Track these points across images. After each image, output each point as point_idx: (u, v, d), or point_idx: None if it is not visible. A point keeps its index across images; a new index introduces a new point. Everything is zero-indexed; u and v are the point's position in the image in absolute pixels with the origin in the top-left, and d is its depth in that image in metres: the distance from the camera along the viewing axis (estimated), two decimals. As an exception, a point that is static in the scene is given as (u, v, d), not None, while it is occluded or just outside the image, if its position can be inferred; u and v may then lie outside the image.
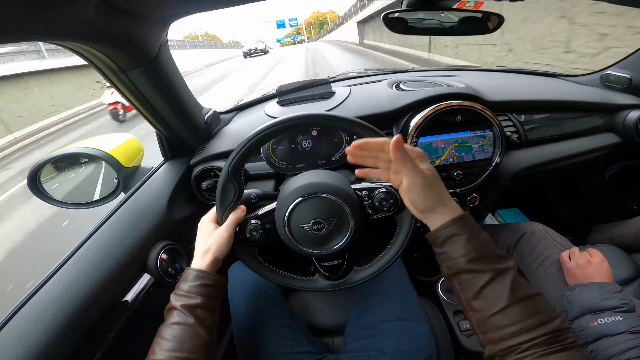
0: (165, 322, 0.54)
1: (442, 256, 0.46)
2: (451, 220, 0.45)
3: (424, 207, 0.48)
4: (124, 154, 0.82)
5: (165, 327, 0.53)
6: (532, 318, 0.39)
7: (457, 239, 0.44)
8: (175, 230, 0.81)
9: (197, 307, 0.55)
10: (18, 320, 0.54)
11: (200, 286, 0.57)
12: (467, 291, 0.43)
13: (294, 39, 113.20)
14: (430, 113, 0.84)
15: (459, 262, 0.43)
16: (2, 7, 0.31)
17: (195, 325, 0.53)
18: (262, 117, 0.98)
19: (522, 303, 0.40)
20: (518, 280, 0.42)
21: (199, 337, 0.53)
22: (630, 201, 1.21)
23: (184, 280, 0.58)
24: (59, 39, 0.46)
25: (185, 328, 0.52)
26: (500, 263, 0.43)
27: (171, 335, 0.51)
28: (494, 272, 0.42)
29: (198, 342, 0.52)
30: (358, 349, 0.72)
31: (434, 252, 0.49)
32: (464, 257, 0.43)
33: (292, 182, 0.64)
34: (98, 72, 0.60)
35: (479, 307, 0.42)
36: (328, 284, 0.68)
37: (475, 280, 0.42)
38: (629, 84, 1.05)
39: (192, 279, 0.57)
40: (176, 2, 0.49)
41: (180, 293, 0.56)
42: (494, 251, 0.44)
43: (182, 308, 0.54)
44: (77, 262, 0.64)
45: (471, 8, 0.89)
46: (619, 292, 0.69)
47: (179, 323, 0.53)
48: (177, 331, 0.52)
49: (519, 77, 1.21)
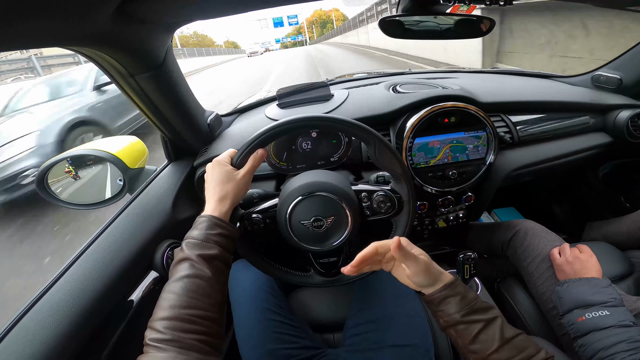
0: (173, 277, 0.46)
1: (439, 313, 0.52)
2: (444, 285, 0.52)
3: (427, 283, 0.53)
4: (129, 156, 0.85)
5: (174, 281, 0.45)
6: (523, 353, 0.46)
7: (451, 299, 0.51)
8: (179, 229, 0.83)
9: (215, 259, 0.49)
10: (29, 319, 0.54)
11: (218, 235, 0.51)
12: (464, 338, 0.49)
13: (294, 39, 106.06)
14: (426, 114, 0.86)
15: (454, 317, 0.50)
16: (31, 17, 0.34)
17: (212, 278, 0.47)
18: (262, 119, 1.00)
19: (511, 342, 0.47)
20: (504, 324, 0.49)
21: (216, 292, 0.46)
22: (622, 199, 1.23)
23: (198, 228, 0.51)
24: (75, 45, 0.48)
25: (201, 282, 0.45)
26: (489, 314, 0.50)
27: (184, 290, 0.44)
28: (485, 322, 0.49)
29: (214, 298, 0.46)
30: (357, 343, 0.74)
31: (431, 309, 0.55)
32: (458, 313, 0.50)
33: (294, 181, 0.66)
34: (107, 76, 0.63)
35: (476, 350, 0.48)
36: (322, 280, 0.70)
37: (470, 329, 0.49)
38: (619, 85, 1.07)
39: (209, 227, 0.51)
40: (182, 9, 0.51)
41: (194, 242, 0.49)
42: (481, 305, 0.51)
43: (198, 258, 0.47)
44: (86, 261, 0.66)
45: (464, 12, 0.92)
46: (607, 287, 0.70)
47: (193, 276, 0.45)
48: (190, 285, 0.45)
49: (512, 78, 1.23)
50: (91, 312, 0.59)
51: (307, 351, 0.74)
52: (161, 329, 0.40)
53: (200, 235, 0.50)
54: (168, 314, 0.42)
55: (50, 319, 0.54)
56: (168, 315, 0.41)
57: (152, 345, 0.39)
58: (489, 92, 1.00)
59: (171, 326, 0.40)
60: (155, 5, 0.47)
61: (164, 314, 0.42)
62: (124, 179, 0.85)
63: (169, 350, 0.38)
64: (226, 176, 0.57)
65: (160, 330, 0.40)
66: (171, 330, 0.40)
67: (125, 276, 0.68)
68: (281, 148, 0.90)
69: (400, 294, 0.81)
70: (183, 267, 0.46)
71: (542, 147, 1.02)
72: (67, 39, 0.45)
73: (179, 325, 0.41)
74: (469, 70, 1.49)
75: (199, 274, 0.46)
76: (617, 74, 1.08)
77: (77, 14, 0.39)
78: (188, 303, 0.43)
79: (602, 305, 0.66)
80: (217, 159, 0.60)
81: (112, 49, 0.54)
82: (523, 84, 1.17)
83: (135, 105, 0.72)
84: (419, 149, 0.90)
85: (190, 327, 0.41)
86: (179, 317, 0.41)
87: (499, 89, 1.08)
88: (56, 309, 0.56)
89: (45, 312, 0.55)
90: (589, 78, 1.16)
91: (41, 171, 0.81)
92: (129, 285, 0.72)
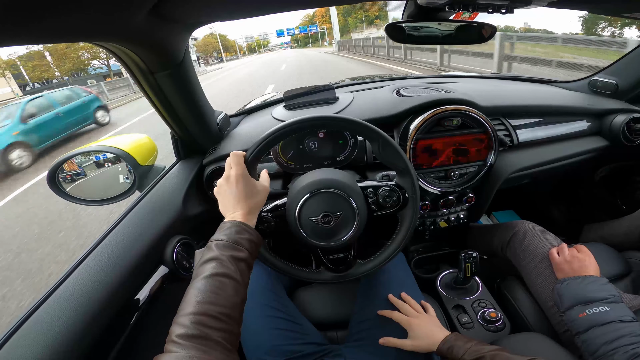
0: (201, 275, 0.47)
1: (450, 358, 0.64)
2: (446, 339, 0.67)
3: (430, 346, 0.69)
4: (140, 153, 0.87)
5: (202, 279, 0.46)
6: None
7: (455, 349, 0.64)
8: (189, 225, 0.85)
9: (242, 261, 0.50)
10: (43, 312, 0.55)
11: (247, 241, 0.53)
12: None
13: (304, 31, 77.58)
14: (429, 117, 0.89)
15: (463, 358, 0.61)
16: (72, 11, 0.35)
17: (239, 279, 0.48)
18: (269, 120, 1.02)
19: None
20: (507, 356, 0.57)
21: (240, 293, 0.47)
22: (619, 201, 1.26)
23: (226, 232, 0.53)
24: (104, 40, 0.50)
25: (229, 281, 0.47)
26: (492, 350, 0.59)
27: (212, 287, 0.45)
28: (489, 356, 0.58)
29: (239, 298, 0.47)
30: (362, 339, 0.75)
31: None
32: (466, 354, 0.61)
33: (303, 179, 0.68)
34: (127, 72, 0.65)
35: None
36: (332, 276, 0.71)
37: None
38: (616, 90, 1.11)
39: (238, 232, 0.53)
40: (211, 10, 0.53)
41: (224, 243, 0.51)
42: (481, 342, 0.63)
43: (228, 259, 0.49)
44: (98, 256, 0.66)
45: (467, 19, 0.96)
46: (606, 284, 0.73)
47: (222, 275, 0.47)
48: (218, 283, 0.46)
49: (511, 83, 1.27)
50: (104, 307, 0.59)
51: (311, 347, 0.74)
52: (188, 324, 0.40)
53: (230, 238, 0.51)
54: (196, 309, 0.42)
55: (65, 312, 0.55)
56: (196, 310, 0.42)
57: (176, 342, 0.39)
58: (490, 96, 1.03)
59: (198, 321, 0.40)
60: (188, 6, 0.49)
61: (191, 309, 0.42)
62: (135, 176, 0.86)
63: (192, 349, 0.38)
64: (251, 188, 0.60)
65: (187, 325, 0.40)
66: (198, 325, 0.40)
67: (136, 271, 0.69)
68: (289, 148, 0.92)
69: (403, 289, 0.82)
70: (211, 266, 0.47)
71: (540, 150, 1.05)
72: (99, 34, 0.47)
73: (205, 320, 0.41)
74: (470, 75, 1.52)
75: (227, 273, 0.47)
76: (614, 79, 1.11)
77: (114, 10, 0.41)
78: (215, 300, 0.43)
79: (602, 301, 0.68)
80: (239, 170, 0.60)
81: (138, 46, 0.56)
82: (522, 89, 1.20)
83: (150, 102, 0.74)
84: (423, 151, 0.93)
85: (216, 324, 0.41)
86: (207, 313, 0.42)
87: (498, 94, 1.11)
88: (70, 302, 0.56)
89: (60, 305, 0.56)
90: (586, 83, 1.19)
91: (53, 167, 0.83)
92: (140, 280, 0.73)
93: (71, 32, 0.41)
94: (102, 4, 0.38)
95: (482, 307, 0.94)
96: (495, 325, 0.88)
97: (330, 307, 0.89)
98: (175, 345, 0.38)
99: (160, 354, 0.38)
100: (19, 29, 0.33)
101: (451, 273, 1.06)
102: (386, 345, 0.71)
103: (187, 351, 0.38)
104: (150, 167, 0.91)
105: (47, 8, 0.32)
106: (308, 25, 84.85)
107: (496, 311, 0.91)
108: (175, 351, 0.38)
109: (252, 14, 0.56)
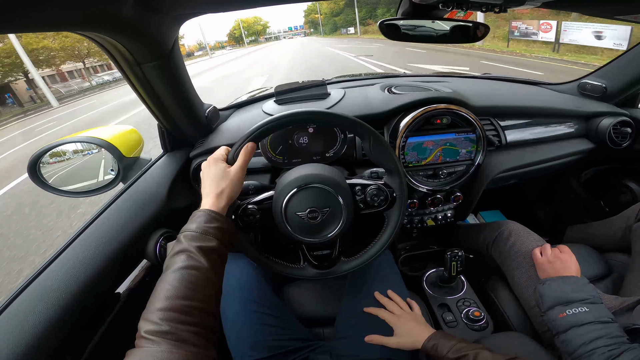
0: (170, 268, 0.45)
1: (435, 356, 0.66)
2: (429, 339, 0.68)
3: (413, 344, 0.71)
4: (125, 144, 0.85)
5: (171, 272, 0.45)
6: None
7: (439, 347, 0.66)
8: (174, 218, 0.83)
9: (214, 251, 0.49)
10: (12, 310, 0.53)
11: (217, 229, 0.51)
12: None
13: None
14: (419, 115, 0.89)
15: (449, 356, 0.62)
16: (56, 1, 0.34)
17: (210, 270, 0.46)
18: (260, 114, 1.01)
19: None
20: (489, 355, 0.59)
21: (212, 285, 0.46)
22: (602, 204, 1.28)
23: (196, 222, 0.51)
24: (90, 31, 0.49)
25: (198, 274, 0.45)
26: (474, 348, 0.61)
27: (181, 281, 0.43)
28: (474, 354, 0.60)
29: (211, 290, 0.46)
30: (350, 335, 0.75)
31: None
32: (450, 353, 0.63)
33: (290, 173, 0.67)
34: (113, 63, 0.63)
35: None
36: (316, 272, 0.71)
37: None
38: (604, 93, 1.12)
39: (208, 220, 0.51)
40: (200, 2, 0.52)
41: (193, 234, 0.49)
42: (464, 341, 0.65)
43: (196, 250, 0.47)
44: (78, 249, 0.65)
45: (461, 18, 0.95)
46: (586, 284, 0.73)
47: (190, 267, 0.45)
48: (188, 276, 0.44)
49: (502, 84, 1.27)
50: (81, 300, 0.58)
51: (297, 342, 0.74)
52: (157, 320, 0.39)
53: (198, 228, 0.50)
54: (164, 305, 0.40)
55: (41, 305, 0.54)
56: (164, 306, 0.40)
57: (146, 338, 0.38)
58: (480, 96, 1.04)
59: (167, 317, 0.39)
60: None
61: (160, 305, 0.40)
62: (119, 167, 0.84)
63: (164, 343, 0.37)
64: (221, 173, 0.58)
65: (155, 322, 0.39)
66: (167, 321, 0.39)
67: (117, 264, 0.68)
68: (278, 142, 0.91)
69: (390, 287, 0.83)
70: (180, 258, 0.46)
71: (527, 151, 1.06)
72: (84, 24, 0.46)
73: (176, 317, 0.39)
74: (462, 74, 1.53)
75: (196, 266, 0.45)
76: (602, 82, 1.12)
77: (101, 1, 0.40)
78: (185, 294, 0.42)
79: (581, 302, 0.69)
80: (212, 157, 0.60)
81: (124, 37, 0.55)
82: (512, 90, 1.21)
83: (136, 93, 0.72)
84: (412, 149, 0.93)
85: (186, 319, 0.40)
86: (176, 308, 0.40)
87: (489, 94, 1.12)
88: (46, 295, 0.55)
89: (35, 298, 0.55)
90: (575, 85, 1.20)
91: (33, 158, 0.80)
92: (121, 273, 0.72)
93: (55, 22, 0.40)
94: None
95: (467, 306, 0.95)
96: (479, 324, 0.89)
97: (317, 303, 0.89)
98: (146, 340, 0.38)
99: (132, 349, 0.37)
100: (2, 17, 0.32)
101: (437, 271, 1.07)
102: (372, 342, 0.71)
103: (158, 346, 0.37)
104: (136, 159, 0.89)
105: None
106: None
107: (480, 310, 0.92)
108: (146, 346, 0.37)
109: (241, 7, 0.55)
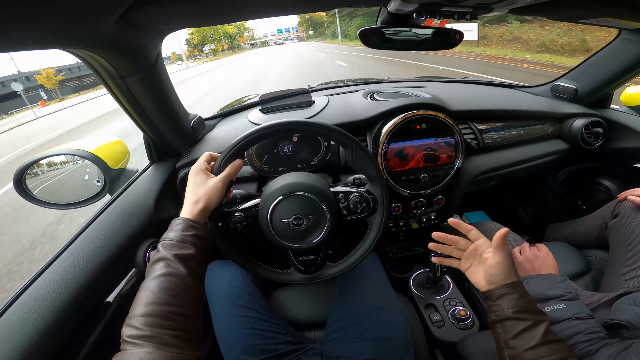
0: (149, 276, 0.48)
1: (494, 307, 0.57)
2: (506, 284, 0.57)
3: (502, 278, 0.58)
4: (110, 156, 0.85)
5: (151, 280, 0.47)
6: (555, 355, 0.49)
7: (509, 296, 0.55)
8: (162, 228, 0.84)
9: (191, 259, 0.50)
10: (6, 319, 0.54)
11: (193, 237, 0.53)
12: (508, 333, 0.53)
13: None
14: (399, 121, 0.91)
15: (506, 313, 0.54)
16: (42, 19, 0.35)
17: (188, 276, 0.48)
18: (245, 124, 1.03)
19: (550, 345, 0.50)
20: (549, 329, 0.52)
21: (191, 290, 0.48)
22: (579, 202, 1.32)
23: (174, 230, 0.53)
24: (74, 47, 0.50)
25: (176, 280, 0.47)
26: (539, 316, 0.54)
27: (160, 287, 0.45)
28: (533, 321, 0.52)
29: (190, 296, 0.48)
30: (339, 337, 0.76)
31: (486, 304, 0.59)
32: (511, 309, 0.54)
33: (276, 181, 0.69)
34: (96, 77, 0.64)
35: (514, 345, 0.52)
36: (302, 277, 0.73)
37: (516, 325, 0.53)
38: (575, 94, 1.16)
39: (184, 229, 0.53)
40: (180, 18, 0.54)
41: (170, 242, 0.51)
42: (535, 308, 0.55)
43: (174, 258, 0.49)
44: (66, 260, 0.66)
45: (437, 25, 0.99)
46: (563, 282, 0.76)
47: (169, 274, 0.47)
48: (166, 283, 0.46)
49: (480, 87, 1.32)
50: (73, 309, 0.59)
51: (287, 346, 0.75)
52: (138, 325, 0.41)
53: (176, 236, 0.52)
54: (145, 311, 0.42)
55: (34, 314, 0.55)
56: (145, 311, 0.42)
57: (129, 342, 0.40)
58: (458, 100, 1.07)
59: (148, 322, 0.41)
60: (157, 12, 0.49)
61: (141, 311, 0.42)
62: (105, 179, 0.85)
63: (146, 346, 0.39)
64: (200, 181, 0.59)
65: (137, 327, 0.41)
66: (148, 326, 0.41)
67: (106, 275, 0.69)
68: (263, 151, 0.93)
69: (378, 291, 0.84)
70: (159, 266, 0.48)
71: (505, 153, 1.10)
72: (69, 41, 0.47)
73: (156, 322, 0.42)
74: (442, 79, 1.57)
75: (174, 273, 0.47)
76: (574, 84, 1.16)
77: (84, 19, 0.41)
78: (165, 300, 0.44)
79: (558, 299, 0.71)
80: (194, 166, 0.62)
81: (107, 52, 0.56)
82: (489, 93, 1.25)
83: (120, 105, 0.73)
84: (394, 155, 0.95)
85: (167, 324, 0.42)
86: (156, 314, 0.42)
87: (467, 98, 1.16)
88: (39, 304, 0.56)
89: (28, 307, 0.56)
90: (549, 88, 1.25)
91: (19, 171, 0.80)
92: (109, 284, 0.72)
93: (38, 40, 0.41)
94: (71, 13, 0.38)
95: (453, 306, 0.96)
96: (465, 323, 0.91)
97: (307, 307, 0.90)
98: (129, 344, 0.40)
99: (117, 353, 0.40)
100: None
101: (423, 273, 1.09)
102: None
103: (141, 348, 0.39)
104: (122, 170, 0.90)
105: (14, 16, 0.32)
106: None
107: (466, 309, 0.94)
108: (130, 349, 0.39)
109: (223, 21, 0.57)
